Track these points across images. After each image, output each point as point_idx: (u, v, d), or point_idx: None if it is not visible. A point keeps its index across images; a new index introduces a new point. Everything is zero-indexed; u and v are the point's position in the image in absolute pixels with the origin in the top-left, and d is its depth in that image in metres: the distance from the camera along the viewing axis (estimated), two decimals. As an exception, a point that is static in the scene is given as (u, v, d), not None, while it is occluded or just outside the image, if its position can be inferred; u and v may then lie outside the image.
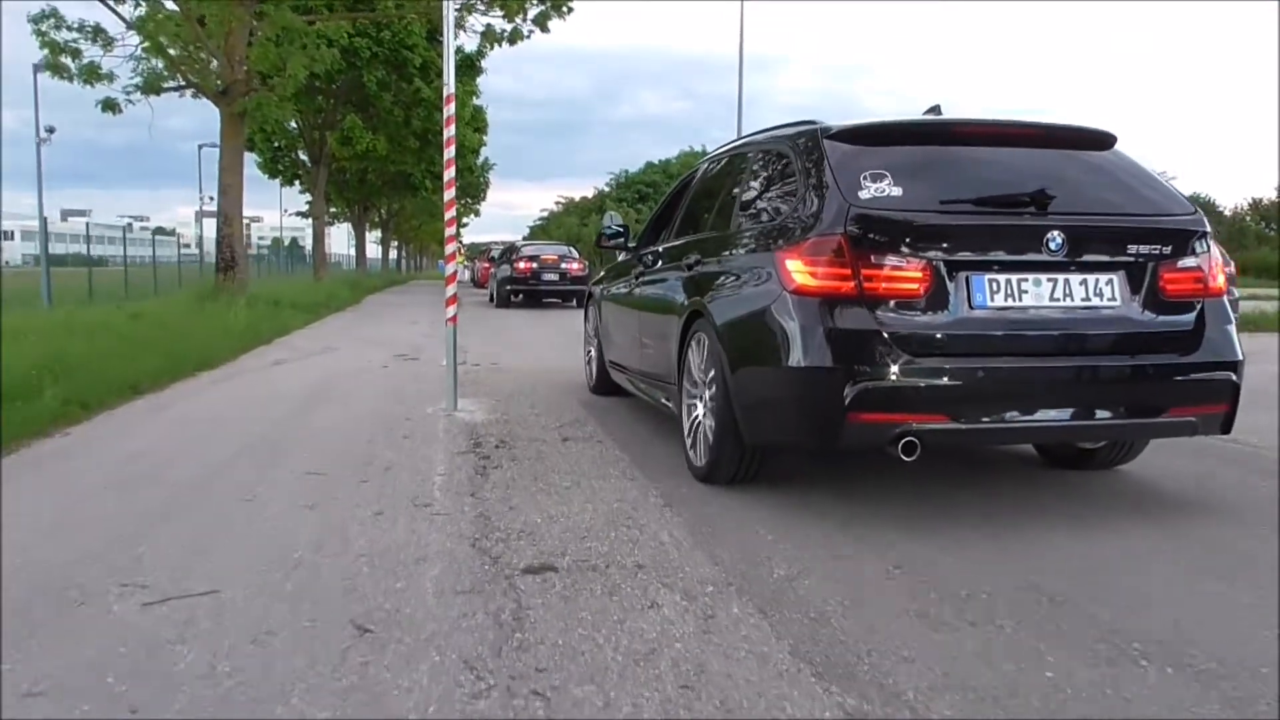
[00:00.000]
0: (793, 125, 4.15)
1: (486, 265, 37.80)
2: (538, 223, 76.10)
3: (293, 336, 12.10)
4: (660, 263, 5.18)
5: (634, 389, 5.68)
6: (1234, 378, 3.54)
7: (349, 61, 22.43)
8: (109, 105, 13.96)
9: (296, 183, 34.19)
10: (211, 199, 50.90)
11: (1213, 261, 3.63)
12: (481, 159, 40.40)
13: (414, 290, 32.46)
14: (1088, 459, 4.27)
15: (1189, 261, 3.56)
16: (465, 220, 34.01)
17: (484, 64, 27.30)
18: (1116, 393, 3.46)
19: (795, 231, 3.58)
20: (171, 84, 14.59)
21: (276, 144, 31.93)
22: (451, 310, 6.19)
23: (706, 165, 5.35)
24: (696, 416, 4.16)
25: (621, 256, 6.38)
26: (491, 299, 22.59)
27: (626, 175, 61.88)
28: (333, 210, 51.58)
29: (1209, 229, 3.67)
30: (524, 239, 40.44)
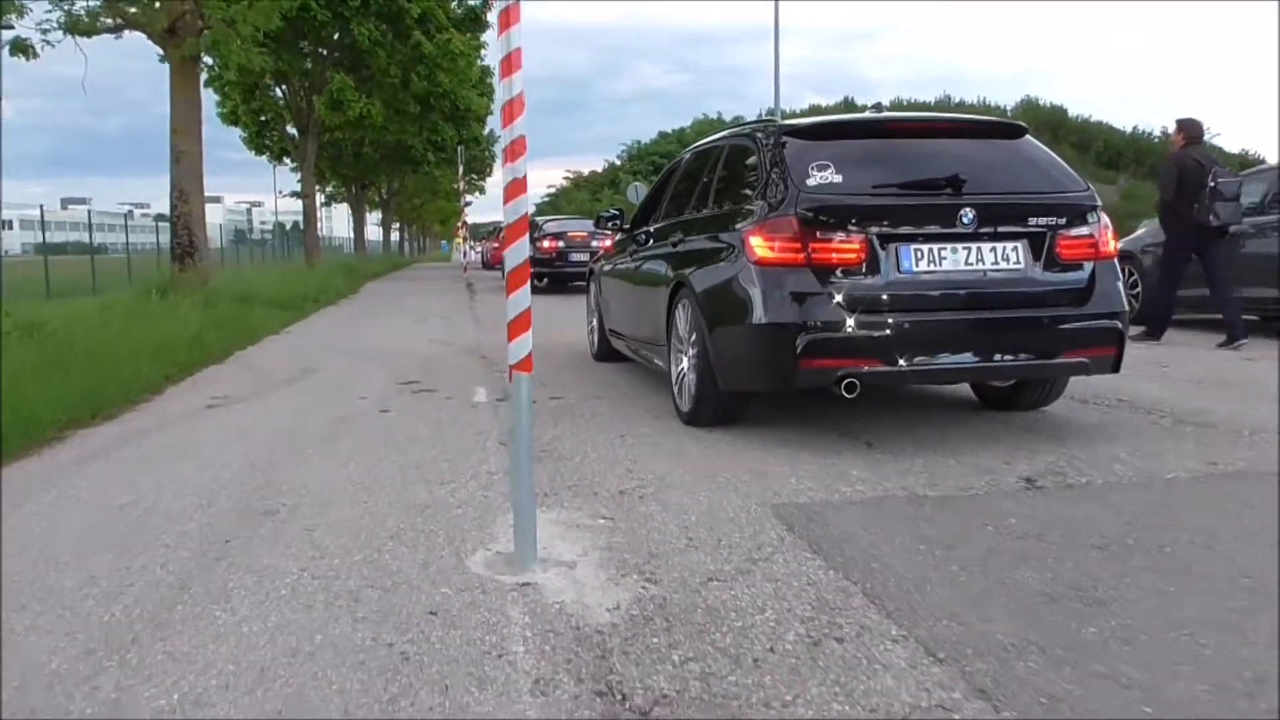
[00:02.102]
0: (755, 124, 5.29)
1: (498, 245, 34.79)
2: (545, 199, 72.56)
3: (260, 348, 8.97)
4: (651, 241, 5.85)
5: (630, 353, 6.39)
6: (1120, 325, 4.28)
7: (335, 11, 19.19)
8: (19, 48, 10.76)
9: (286, 159, 30.93)
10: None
11: (1103, 229, 4.32)
12: (488, 129, 36.98)
13: (419, 275, 29.25)
14: (1015, 400, 4.90)
15: (1082, 230, 4.26)
16: (469, 199, 30.71)
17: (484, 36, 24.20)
18: (1020, 339, 4.14)
19: (757, 213, 4.31)
20: (106, 21, 11.38)
21: (263, 116, 28.76)
22: (519, 349, 2.98)
23: (688, 156, 6.03)
24: (682, 370, 4.88)
25: (617, 236, 7.13)
26: (509, 284, 19.43)
27: (639, 146, 58.44)
28: (329, 190, 48.49)
29: (1099, 203, 4.38)
30: (531, 216, 37.35)
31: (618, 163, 60.59)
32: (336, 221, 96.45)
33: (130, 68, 63.83)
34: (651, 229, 5.98)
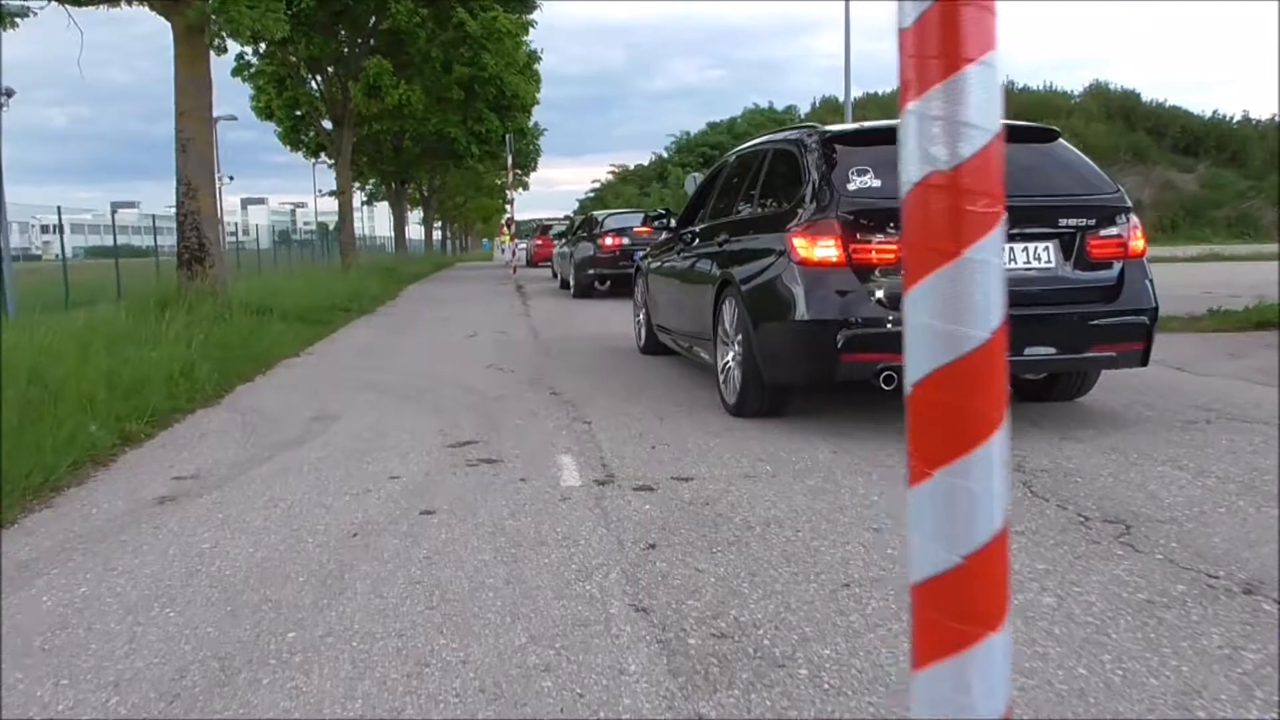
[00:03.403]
0: (798, 128, 5.24)
1: (542, 241, 32.81)
2: (589, 194, 70.77)
3: (269, 380, 7.06)
4: (697, 241, 6.09)
5: (676, 346, 6.69)
6: (1148, 322, 4.41)
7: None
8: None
9: (323, 154, 29.26)
10: (231, 178, 46.74)
11: (1132, 230, 4.48)
12: (533, 120, 35.06)
13: (463, 275, 27.43)
14: (1049, 392, 5.05)
15: (1111, 231, 4.43)
16: (512, 195, 28.64)
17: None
18: (1050, 334, 4.31)
19: (800, 215, 4.52)
20: (97, -15, 9.57)
21: (298, 110, 27.11)
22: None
23: (733, 160, 6.25)
24: (727, 364, 5.10)
25: (663, 236, 7.37)
26: (564, 285, 17.42)
27: (687, 138, 56.36)
28: (368, 186, 46.96)
29: (1129, 204, 4.58)
30: (574, 213, 35.41)
31: (665, 155, 58.66)
32: (379, 221, 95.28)
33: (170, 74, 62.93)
34: (697, 229, 6.19)
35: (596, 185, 69.72)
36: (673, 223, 7.09)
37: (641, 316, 7.76)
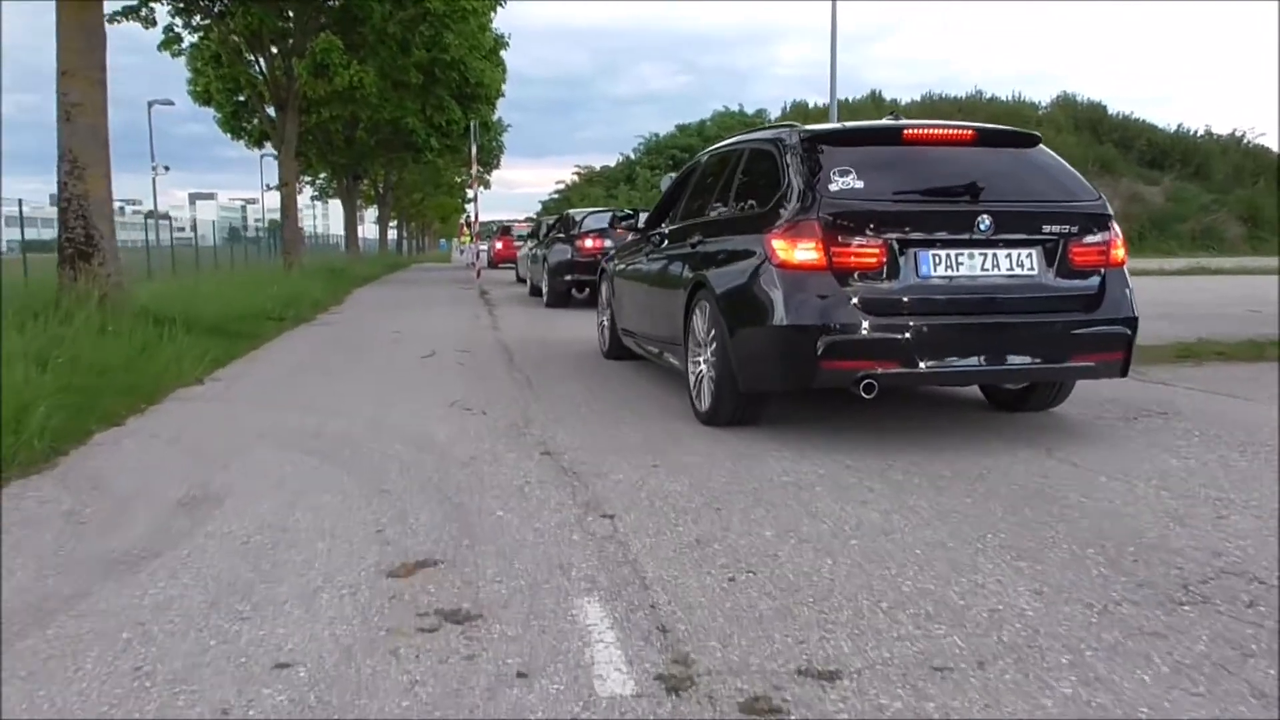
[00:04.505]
0: (776, 127, 5.01)
1: (503, 243, 30.72)
2: (553, 196, 68.65)
3: (144, 424, 5.09)
4: (666, 242, 5.80)
5: (642, 351, 6.40)
6: (1128, 332, 4.30)
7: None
8: None
9: (268, 144, 26.98)
10: (167, 168, 43.84)
11: (1114, 238, 4.37)
12: (497, 114, 33.00)
13: (418, 279, 25.33)
14: (1023, 402, 4.92)
15: (1093, 238, 4.32)
16: (471, 193, 26.59)
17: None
18: (1031, 343, 4.21)
19: (779, 217, 4.30)
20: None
21: (241, 96, 24.87)
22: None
23: (706, 159, 5.96)
24: (700, 370, 4.84)
25: (630, 237, 7.06)
26: (535, 292, 15.52)
27: (656, 140, 54.69)
28: (319, 181, 44.46)
29: (1110, 212, 4.47)
30: (536, 215, 33.54)
31: (633, 157, 56.78)
32: (333, 218, 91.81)
33: (123, 62, 59.84)
34: (667, 230, 5.96)
35: (561, 186, 67.69)
36: (642, 223, 6.86)
37: (606, 320, 7.45)
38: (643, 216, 7.03)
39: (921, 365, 4.04)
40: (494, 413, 5.20)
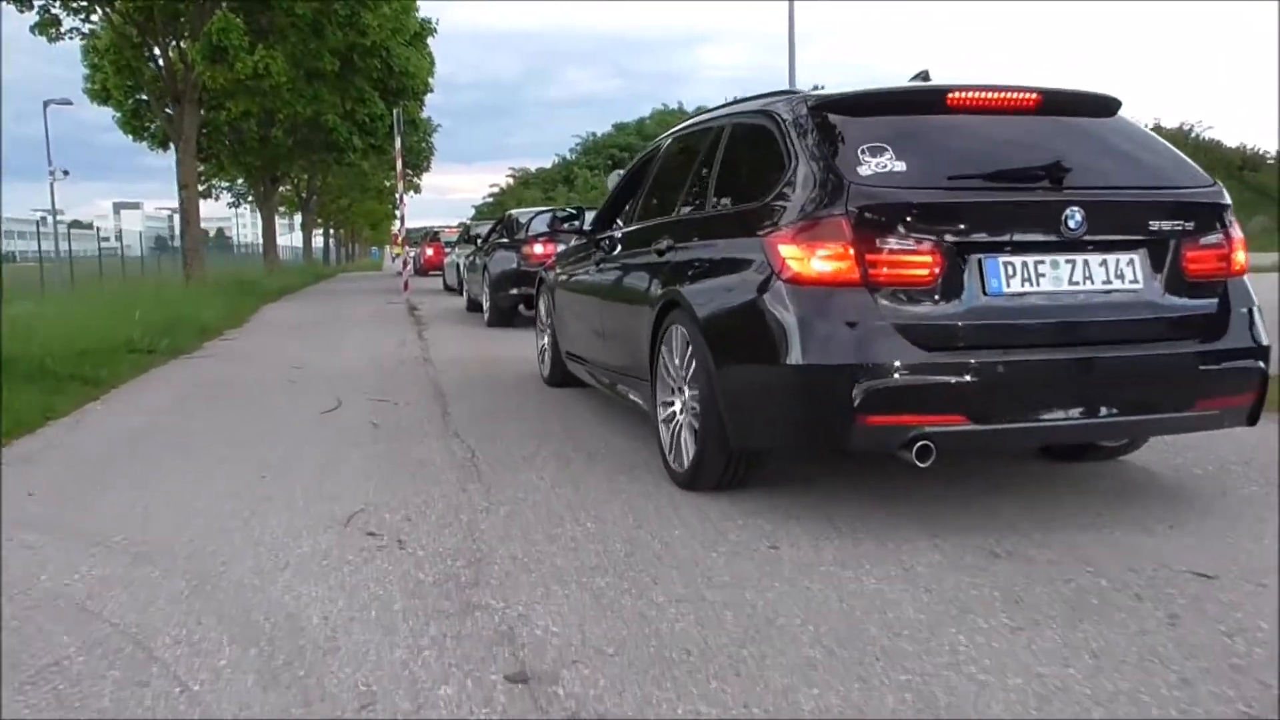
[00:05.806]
0: (772, 95, 3.81)
1: (433, 250, 28.26)
2: (487, 200, 66.24)
3: None
4: (621, 248, 4.78)
5: (594, 381, 5.29)
6: (1261, 365, 3.24)
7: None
8: None
9: (171, 146, 24.34)
10: (66, 173, 40.49)
11: (1234, 238, 3.32)
12: (425, 112, 30.69)
13: (342, 291, 22.93)
14: (1094, 451, 3.89)
15: (1212, 238, 3.27)
16: (400, 190, 24.19)
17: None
18: (1142, 386, 3.14)
19: (786, 213, 3.22)
20: None
21: (140, 94, 22.28)
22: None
23: (671, 142, 4.88)
24: (674, 414, 3.80)
25: (574, 240, 5.99)
26: (473, 307, 13.37)
27: (594, 139, 52.90)
28: (236, 185, 41.42)
29: (1230, 202, 3.38)
30: (471, 220, 31.31)
31: (570, 158, 54.82)
32: (262, 226, 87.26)
33: (51, 72, 55.80)
34: (620, 234, 4.89)
35: (495, 190, 65.36)
36: (588, 224, 5.72)
37: (546, 342, 6.41)
38: (589, 216, 5.87)
39: (994, 420, 2.98)
40: (417, 537, 3.19)
